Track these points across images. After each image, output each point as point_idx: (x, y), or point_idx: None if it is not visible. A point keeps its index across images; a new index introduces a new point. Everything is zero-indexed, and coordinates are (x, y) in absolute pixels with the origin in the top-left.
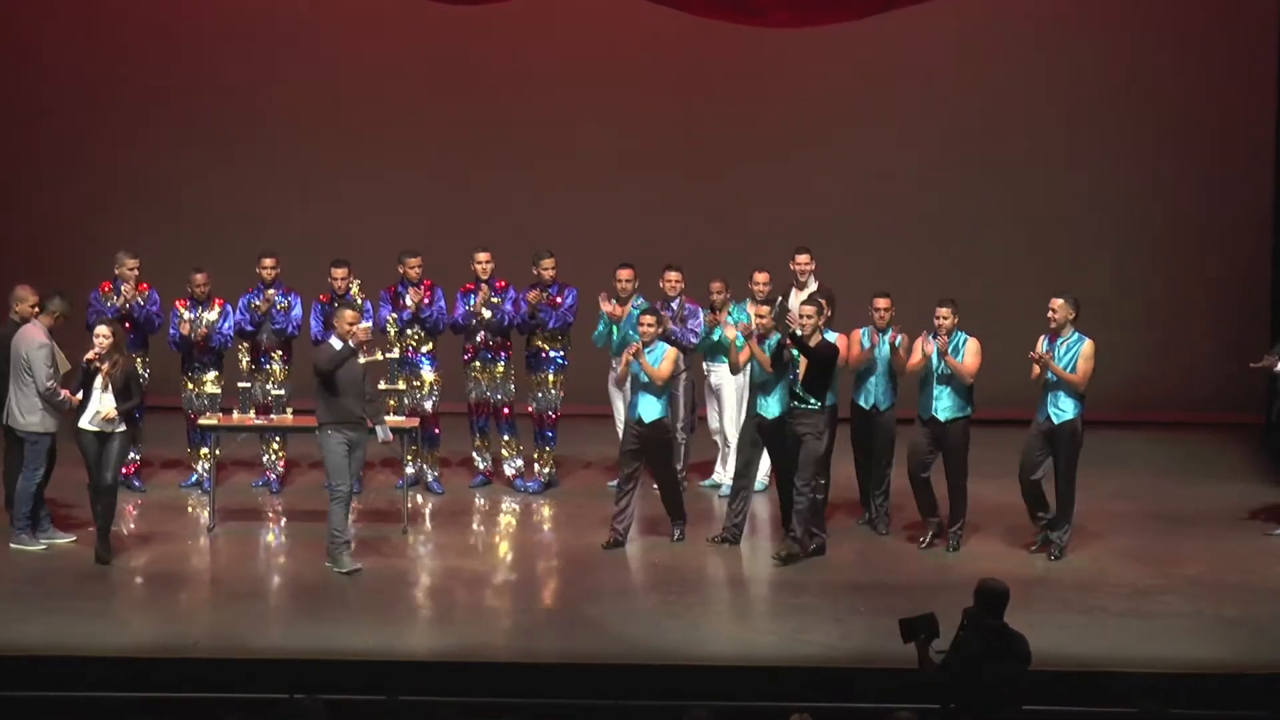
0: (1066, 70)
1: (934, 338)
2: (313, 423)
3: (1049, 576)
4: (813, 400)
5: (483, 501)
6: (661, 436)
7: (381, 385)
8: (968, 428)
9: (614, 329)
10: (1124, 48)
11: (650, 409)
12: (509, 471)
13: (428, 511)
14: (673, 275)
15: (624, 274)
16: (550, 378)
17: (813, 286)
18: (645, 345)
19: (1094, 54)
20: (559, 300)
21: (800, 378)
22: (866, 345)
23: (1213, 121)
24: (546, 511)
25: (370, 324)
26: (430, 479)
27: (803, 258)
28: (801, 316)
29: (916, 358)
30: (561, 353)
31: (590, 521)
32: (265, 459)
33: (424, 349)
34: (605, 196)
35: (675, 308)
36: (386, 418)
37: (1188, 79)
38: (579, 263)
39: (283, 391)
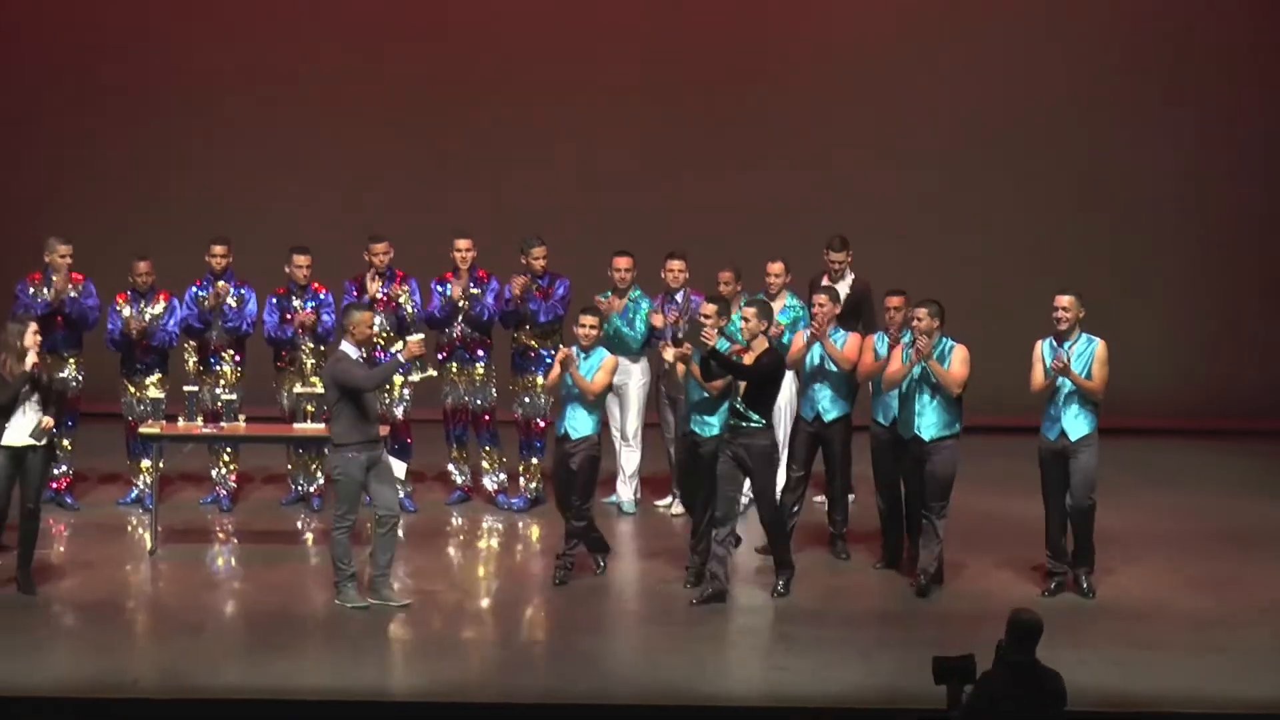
0: (1097, 59)
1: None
2: (268, 431)
3: (1101, 606)
4: (755, 417)
5: (461, 520)
6: (590, 454)
7: None
8: (956, 450)
9: (608, 325)
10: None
11: (581, 423)
12: (490, 486)
13: (398, 532)
14: (675, 264)
15: (621, 262)
16: (539, 380)
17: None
18: (583, 350)
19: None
20: (550, 292)
21: (743, 390)
22: (883, 355)
23: (1270, 109)
24: (533, 532)
25: (422, 337)
26: (401, 495)
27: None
28: (704, 318)
29: (895, 364)
30: (552, 351)
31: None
32: (215, 473)
33: (393, 347)
34: (602, 176)
35: (679, 301)
36: None
37: (1237, 70)
38: (573, 251)
39: (235, 396)
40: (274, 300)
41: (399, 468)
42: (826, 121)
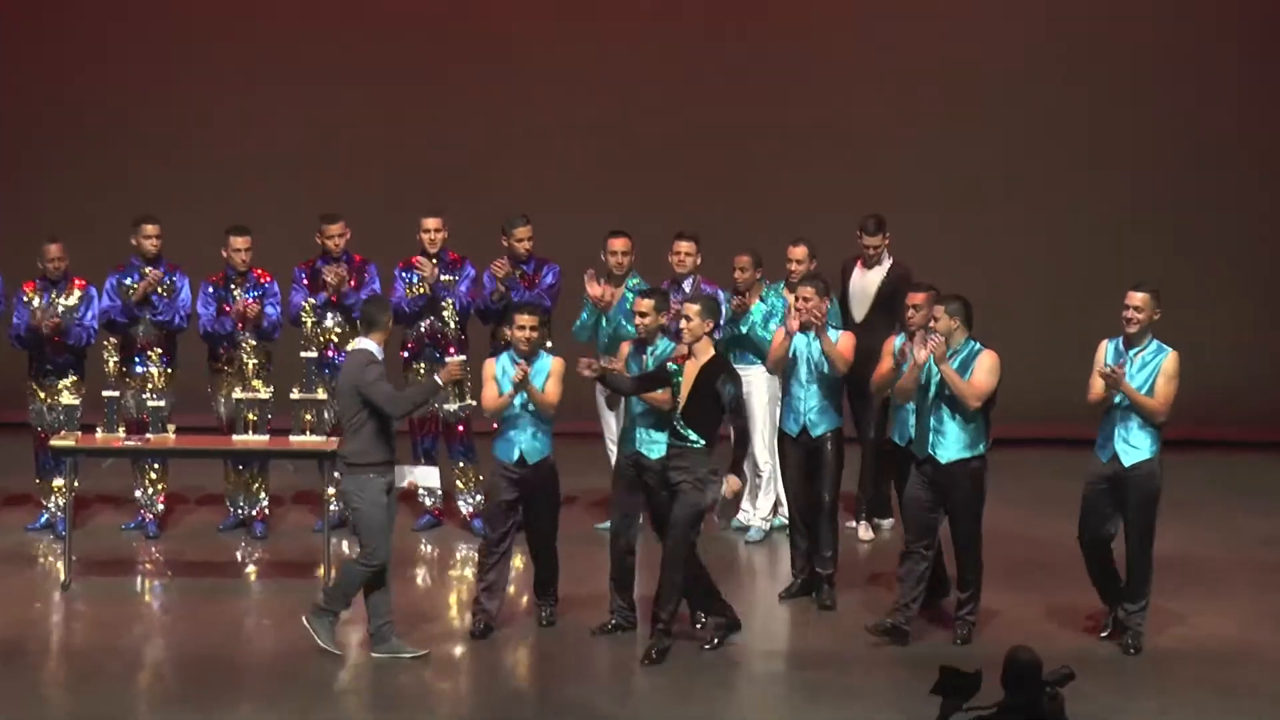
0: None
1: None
2: (201, 444)
3: (1180, 647)
4: (694, 436)
5: (430, 548)
6: (548, 480)
7: (295, 394)
8: (981, 473)
9: (602, 319)
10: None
11: (534, 444)
12: (464, 509)
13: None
14: (684, 246)
15: (617, 244)
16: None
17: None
18: (525, 356)
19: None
20: (536, 280)
21: (681, 404)
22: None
23: None
24: (515, 563)
25: (463, 359)
26: (430, 504)
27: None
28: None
29: (910, 376)
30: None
31: (573, 575)
32: (139, 494)
33: (349, 345)
34: (599, 146)
35: (688, 290)
36: (304, 436)
37: None
38: (564, 233)
39: (163, 403)
40: (209, 289)
41: (429, 475)
42: (867, 85)
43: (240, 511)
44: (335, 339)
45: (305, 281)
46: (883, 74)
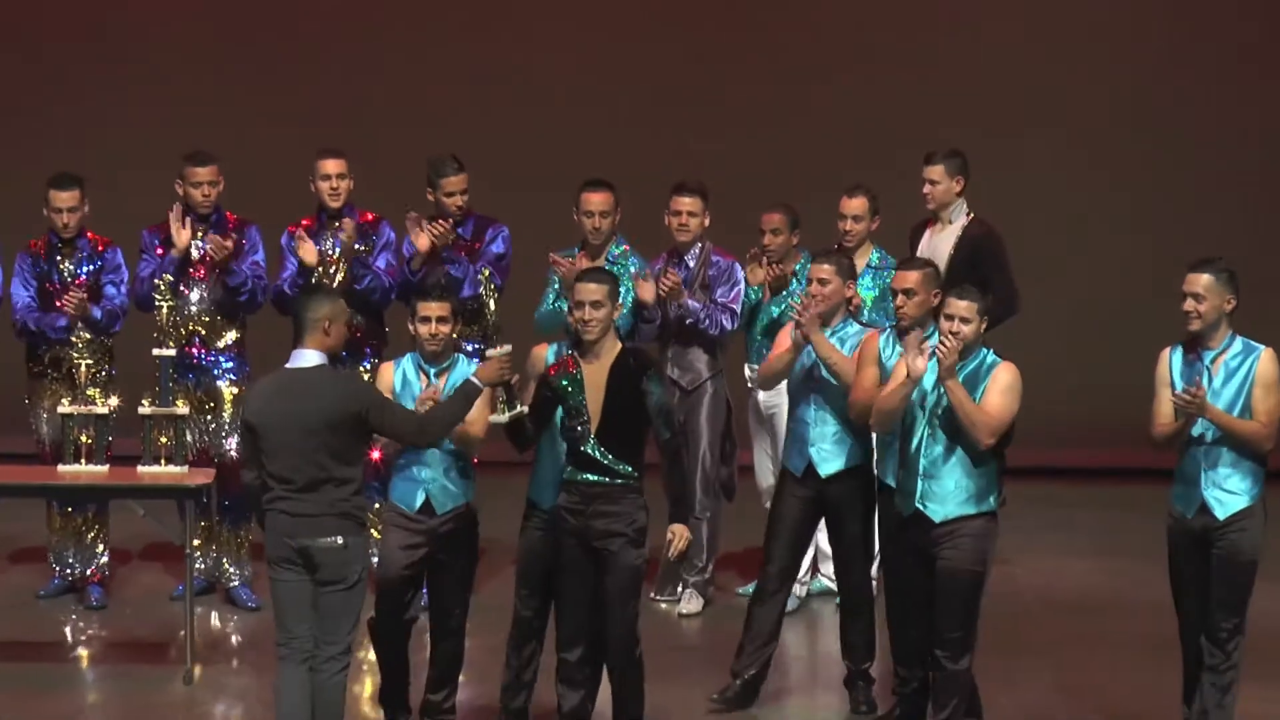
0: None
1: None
2: (14, 478)
3: None
4: (625, 467)
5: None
6: (462, 537)
7: (145, 407)
8: (990, 537)
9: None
10: None
11: (448, 488)
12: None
13: (232, 642)
14: (685, 202)
15: (594, 199)
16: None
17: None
18: (430, 359)
19: None
20: (478, 247)
21: (594, 424)
22: (891, 367)
23: None
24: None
25: (509, 349)
26: (236, 582)
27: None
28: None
29: (894, 385)
30: (479, 342)
31: (489, 670)
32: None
33: (221, 340)
34: (565, 68)
35: (692, 265)
36: (157, 467)
37: None
38: (515, 185)
39: None
40: (26, 262)
41: None
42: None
43: (69, 572)
44: (202, 331)
45: (160, 250)
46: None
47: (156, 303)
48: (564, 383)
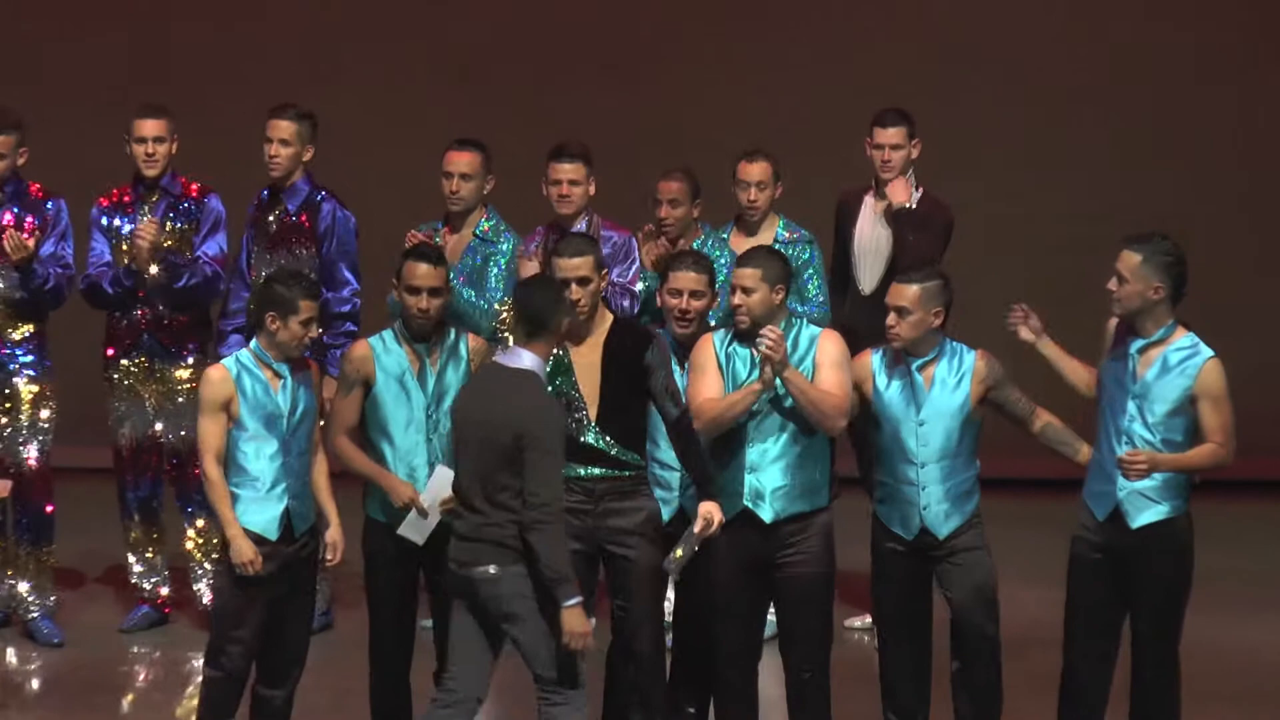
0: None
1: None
2: None
3: None
4: (633, 456)
5: (152, 655)
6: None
7: None
8: (827, 535)
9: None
10: None
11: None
12: (207, 595)
13: (32, 685)
14: (567, 169)
15: (455, 159)
16: None
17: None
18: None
19: None
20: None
21: (593, 410)
22: (882, 382)
23: None
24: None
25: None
26: (35, 612)
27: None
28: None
29: (743, 393)
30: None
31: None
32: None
33: (16, 332)
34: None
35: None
36: None
37: None
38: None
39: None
40: None
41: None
42: None
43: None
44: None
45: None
46: None
47: None
48: (546, 371)
